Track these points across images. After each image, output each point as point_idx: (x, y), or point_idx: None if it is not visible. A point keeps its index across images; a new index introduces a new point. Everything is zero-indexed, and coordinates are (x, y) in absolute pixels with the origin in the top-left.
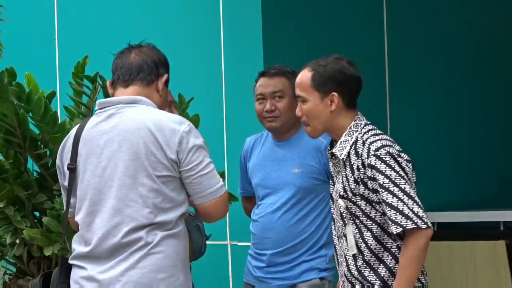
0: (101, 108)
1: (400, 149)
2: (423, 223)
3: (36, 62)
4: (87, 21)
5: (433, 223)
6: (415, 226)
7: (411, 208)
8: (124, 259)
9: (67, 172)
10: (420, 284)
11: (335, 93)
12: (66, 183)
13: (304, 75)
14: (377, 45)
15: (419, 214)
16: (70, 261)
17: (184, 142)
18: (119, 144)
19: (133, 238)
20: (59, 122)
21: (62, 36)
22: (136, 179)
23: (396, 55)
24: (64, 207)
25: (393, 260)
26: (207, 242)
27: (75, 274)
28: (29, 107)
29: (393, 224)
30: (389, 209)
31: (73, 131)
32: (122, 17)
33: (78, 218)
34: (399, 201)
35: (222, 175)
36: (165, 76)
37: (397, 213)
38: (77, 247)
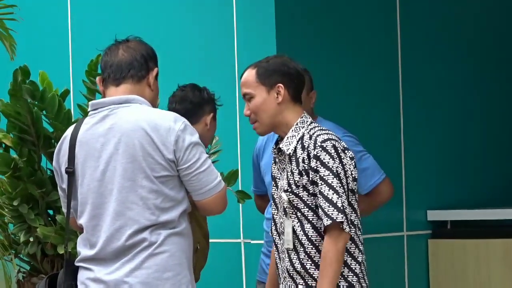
0: (94, 109)
1: (346, 146)
2: (346, 223)
3: (50, 60)
4: (101, 19)
5: (446, 221)
6: (343, 220)
7: (343, 203)
8: (129, 260)
9: (65, 175)
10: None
11: (280, 85)
12: (64, 186)
13: (248, 73)
14: (390, 40)
15: (346, 211)
16: (77, 263)
17: (180, 140)
18: (116, 147)
19: (137, 240)
20: (73, 120)
21: (75, 34)
22: (135, 181)
23: (409, 52)
24: (63, 209)
25: None
26: (221, 240)
27: (82, 275)
28: (43, 105)
29: (325, 216)
30: (324, 201)
31: (68, 133)
32: (135, 15)
33: (82, 221)
34: (335, 194)
35: (235, 173)
36: (155, 70)
37: (331, 206)
38: (83, 250)
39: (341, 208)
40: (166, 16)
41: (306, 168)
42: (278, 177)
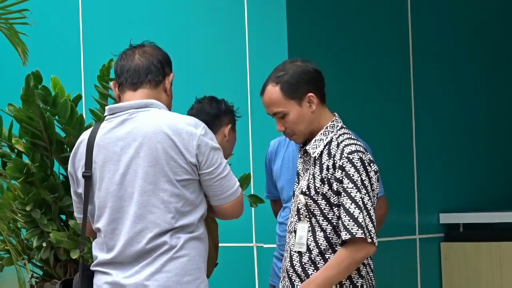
0: (111, 114)
1: (372, 159)
2: (370, 237)
3: (62, 65)
4: (112, 23)
5: (458, 224)
6: (363, 237)
7: (364, 219)
8: (149, 263)
9: (81, 180)
10: None
11: (311, 94)
12: (80, 190)
13: (272, 91)
14: (401, 40)
15: (368, 227)
16: (93, 268)
17: (203, 145)
18: (137, 150)
19: (157, 243)
20: (85, 125)
21: (87, 39)
22: (157, 184)
23: (421, 58)
24: (75, 214)
25: None
26: (234, 245)
27: (98, 279)
28: (55, 111)
29: (344, 230)
30: (345, 214)
31: (84, 138)
32: (146, 20)
33: (100, 225)
34: (357, 209)
35: (247, 177)
36: (171, 75)
37: (351, 220)
38: (99, 254)
39: (361, 223)
40: (176, 22)
41: (330, 177)
42: (301, 175)
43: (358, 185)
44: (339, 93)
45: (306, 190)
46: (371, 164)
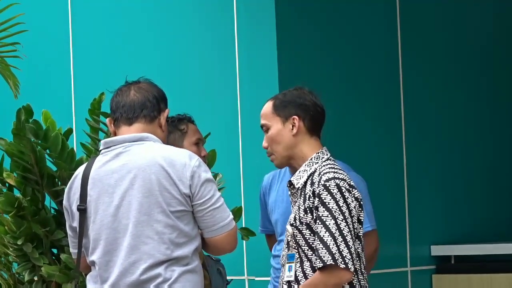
0: (106, 148)
1: (353, 185)
2: (343, 262)
3: (53, 99)
4: (103, 57)
5: (450, 256)
6: (333, 263)
7: (338, 245)
8: None
9: (76, 213)
10: None
11: (295, 117)
12: (75, 224)
13: (267, 105)
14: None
15: (343, 253)
16: None
17: (196, 176)
18: (131, 182)
19: (151, 275)
20: (76, 159)
21: (78, 73)
22: (151, 215)
23: (411, 84)
24: (71, 249)
25: None
26: None
27: None
28: (46, 144)
29: (317, 258)
30: (319, 242)
31: (79, 172)
32: (137, 54)
33: (95, 257)
34: (330, 236)
35: (239, 210)
36: (167, 111)
37: (323, 248)
38: (93, 286)
39: (332, 250)
40: (168, 55)
41: (311, 206)
42: (292, 206)
43: (333, 212)
44: (330, 125)
45: (293, 222)
46: (351, 190)
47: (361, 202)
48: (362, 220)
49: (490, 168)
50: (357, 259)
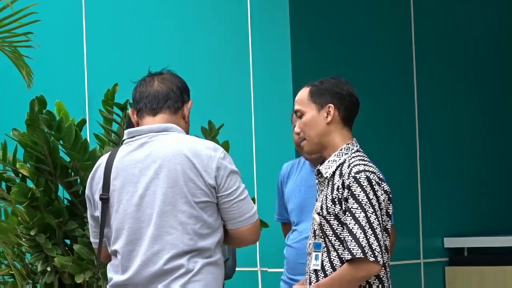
0: (130, 137)
1: (383, 178)
2: (372, 255)
3: (66, 90)
4: (117, 48)
5: (463, 248)
6: (363, 257)
7: (368, 238)
8: (165, 286)
9: (98, 203)
10: None
11: (331, 105)
12: (97, 214)
13: (302, 91)
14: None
15: (372, 246)
16: None
17: (222, 167)
18: (156, 171)
19: (174, 265)
20: (90, 149)
21: (91, 64)
22: (175, 206)
23: (425, 80)
24: (92, 238)
25: None
26: (238, 269)
27: None
28: (60, 135)
29: (346, 250)
30: (348, 234)
31: (102, 161)
32: (151, 45)
33: (117, 247)
34: (359, 229)
35: (252, 201)
36: (190, 102)
37: (353, 241)
38: (114, 275)
39: (361, 243)
40: (180, 46)
41: (340, 197)
42: (319, 195)
43: (363, 205)
44: None
45: (320, 211)
46: (381, 183)
47: (390, 195)
48: (390, 213)
49: (503, 160)
50: (385, 252)
